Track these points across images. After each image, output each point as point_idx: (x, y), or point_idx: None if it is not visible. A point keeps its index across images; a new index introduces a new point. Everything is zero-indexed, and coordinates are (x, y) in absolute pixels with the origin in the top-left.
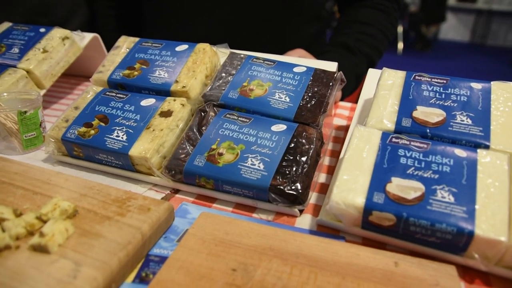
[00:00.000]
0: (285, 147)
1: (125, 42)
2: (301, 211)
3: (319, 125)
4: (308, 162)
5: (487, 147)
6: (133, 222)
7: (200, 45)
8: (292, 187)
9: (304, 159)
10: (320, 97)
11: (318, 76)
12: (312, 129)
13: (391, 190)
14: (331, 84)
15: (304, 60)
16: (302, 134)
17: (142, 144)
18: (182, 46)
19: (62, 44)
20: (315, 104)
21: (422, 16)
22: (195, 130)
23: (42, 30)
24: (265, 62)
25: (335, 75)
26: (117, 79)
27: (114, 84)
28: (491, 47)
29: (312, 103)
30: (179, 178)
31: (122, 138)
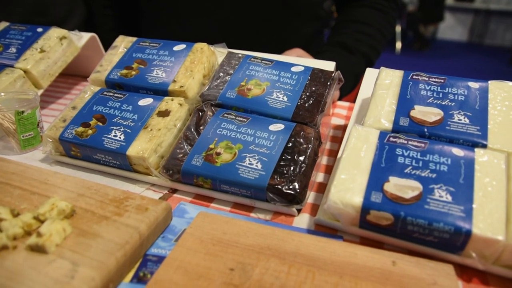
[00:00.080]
0: (283, 146)
1: (123, 42)
2: (299, 211)
3: (317, 124)
4: (306, 161)
5: (484, 146)
6: (131, 222)
7: (198, 45)
8: (290, 187)
9: (302, 158)
10: (318, 97)
11: (316, 75)
12: (310, 128)
13: (389, 189)
14: (329, 83)
15: (302, 59)
16: (300, 134)
17: (140, 144)
18: (180, 46)
19: (60, 43)
20: (313, 104)
21: (420, 15)
22: (193, 129)
23: (40, 29)
24: (263, 61)
25: (333, 75)
26: (114, 79)
27: (112, 84)
28: (489, 46)
29: (310, 102)
30: (177, 177)
31: (119, 138)
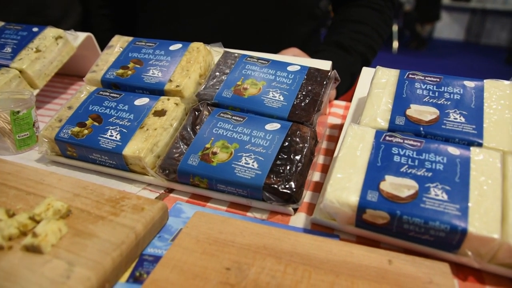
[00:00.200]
0: (279, 146)
1: (119, 42)
2: (295, 210)
3: (313, 123)
4: (302, 160)
5: (480, 145)
6: (127, 221)
7: (194, 44)
8: (286, 186)
9: (298, 157)
10: (314, 96)
11: (312, 74)
12: (306, 127)
13: (385, 188)
14: (325, 82)
15: (298, 59)
16: (296, 133)
17: (136, 143)
18: (176, 45)
19: (56, 43)
20: (309, 103)
21: (417, 15)
22: (189, 129)
23: (35, 29)
24: (259, 61)
25: (329, 74)
26: (110, 79)
27: (108, 84)
28: (485, 45)
29: (306, 101)
30: (173, 177)
31: (115, 137)
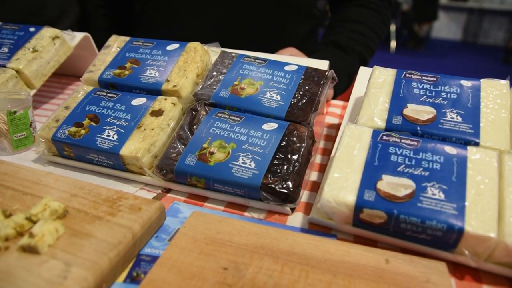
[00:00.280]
0: (276, 145)
1: (116, 41)
2: (292, 210)
3: (310, 123)
4: (299, 160)
5: (477, 144)
6: (124, 221)
7: (191, 44)
8: (284, 186)
9: (295, 157)
10: (311, 96)
11: (309, 74)
12: (303, 127)
13: (382, 187)
14: (322, 82)
15: (295, 58)
16: (293, 133)
17: (133, 143)
18: (173, 45)
19: (52, 43)
20: (306, 103)
21: (415, 14)
22: (186, 129)
23: (32, 29)
24: (256, 60)
25: (326, 74)
26: (107, 79)
27: (105, 84)
28: (483, 45)
29: (303, 101)
30: (170, 177)
31: (113, 137)
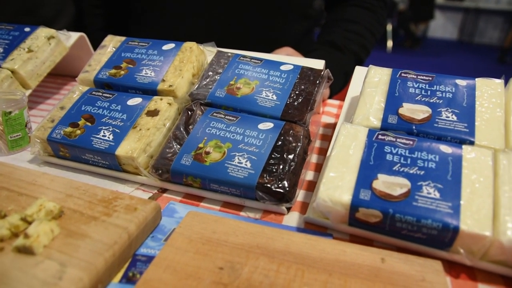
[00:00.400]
0: (272, 145)
1: (112, 41)
2: (288, 209)
3: (306, 123)
4: (295, 160)
5: (472, 143)
6: (120, 222)
7: (187, 44)
8: (279, 185)
9: (291, 157)
10: (307, 95)
11: (305, 74)
12: (299, 127)
13: (377, 187)
14: (318, 82)
15: (291, 58)
16: (289, 132)
17: (129, 143)
18: (169, 45)
19: (48, 43)
20: (302, 102)
21: (411, 14)
22: (182, 129)
23: (27, 29)
24: (252, 60)
25: (322, 73)
26: (103, 79)
27: (101, 84)
28: (479, 44)
29: (299, 101)
30: (166, 177)
31: (108, 137)
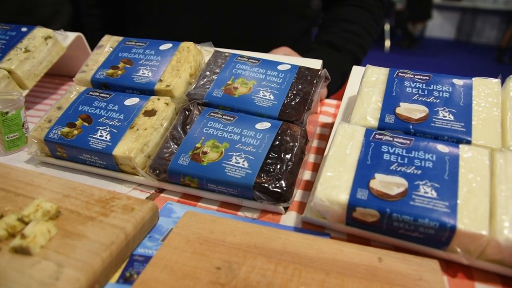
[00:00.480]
0: (270, 145)
1: (109, 41)
2: (286, 209)
3: (303, 122)
4: (292, 159)
5: (468, 142)
6: (117, 222)
7: (184, 44)
8: (277, 185)
9: (288, 156)
10: (304, 95)
11: (302, 73)
12: (296, 126)
13: (375, 186)
14: (315, 81)
15: (288, 58)
16: (286, 132)
17: (126, 143)
18: (166, 45)
19: (45, 43)
20: (299, 102)
21: (409, 14)
22: (180, 129)
23: (24, 29)
24: (249, 60)
25: (319, 73)
26: (100, 79)
27: (98, 84)
28: (476, 44)
29: (297, 100)
30: (163, 177)
31: (105, 138)
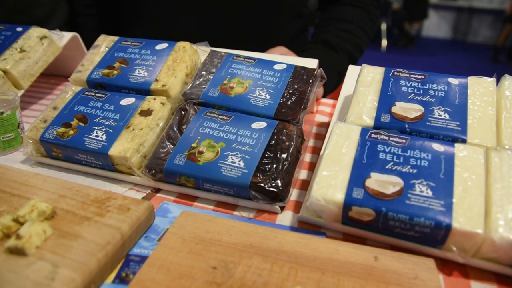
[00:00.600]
0: (265, 144)
1: (105, 41)
2: (282, 208)
3: (299, 122)
4: (288, 159)
5: (464, 141)
6: (113, 222)
7: (180, 44)
8: (273, 184)
9: (284, 156)
10: (300, 94)
11: (298, 73)
12: (292, 126)
13: (370, 185)
14: (311, 81)
15: (284, 57)
16: (282, 131)
17: (122, 143)
18: (162, 45)
19: (40, 43)
20: (295, 101)
21: (405, 13)
22: (175, 128)
23: (19, 29)
24: (245, 59)
25: (315, 72)
26: (96, 79)
27: (94, 84)
28: (472, 43)
29: (292, 100)
30: (159, 177)
31: (101, 138)
